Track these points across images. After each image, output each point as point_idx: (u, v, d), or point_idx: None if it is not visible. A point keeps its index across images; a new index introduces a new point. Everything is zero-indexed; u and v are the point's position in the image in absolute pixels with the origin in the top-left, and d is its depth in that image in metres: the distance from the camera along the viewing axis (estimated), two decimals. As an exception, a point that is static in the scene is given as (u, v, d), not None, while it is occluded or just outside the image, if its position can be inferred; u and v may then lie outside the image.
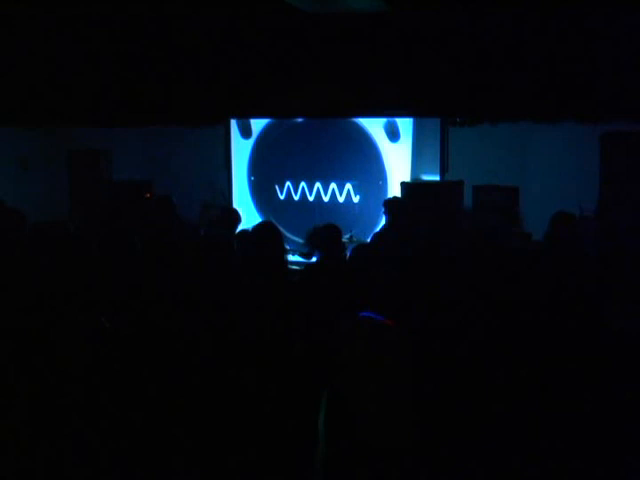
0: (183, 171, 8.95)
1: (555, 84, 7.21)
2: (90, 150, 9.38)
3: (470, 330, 3.64)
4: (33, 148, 9.25)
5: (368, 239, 6.66)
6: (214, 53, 8.18)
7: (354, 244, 6.06)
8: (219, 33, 8.00)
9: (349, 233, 7.34)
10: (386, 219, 6.42)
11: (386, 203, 6.49)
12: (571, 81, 7.14)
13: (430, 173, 8.13)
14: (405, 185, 7.75)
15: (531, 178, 7.79)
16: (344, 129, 8.45)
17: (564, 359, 3.51)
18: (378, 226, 7.49)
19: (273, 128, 8.85)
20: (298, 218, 8.46)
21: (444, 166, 8.05)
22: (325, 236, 4.86)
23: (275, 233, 4.41)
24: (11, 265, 4.46)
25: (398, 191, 7.72)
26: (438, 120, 8.03)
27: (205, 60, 8.25)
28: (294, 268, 7.35)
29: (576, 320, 3.70)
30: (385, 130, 8.32)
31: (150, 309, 3.76)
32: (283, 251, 4.44)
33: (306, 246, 6.34)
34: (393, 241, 5.71)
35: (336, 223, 5.06)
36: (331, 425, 3.50)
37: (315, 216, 8.14)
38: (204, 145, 9.09)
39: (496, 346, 3.57)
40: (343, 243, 5.11)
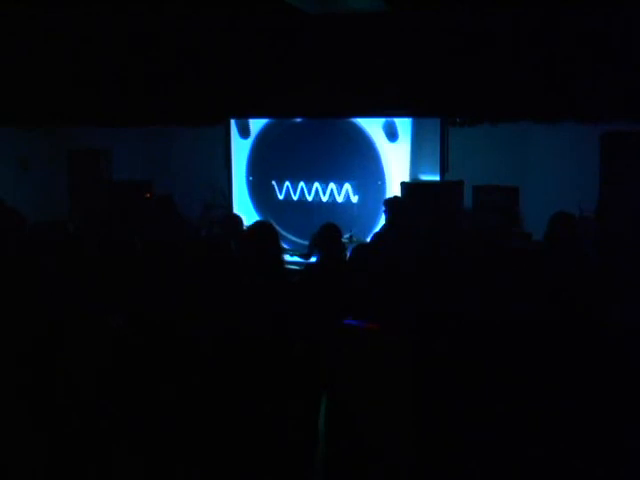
0: (183, 171, 8.96)
1: (555, 84, 7.21)
2: (90, 150, 9.38)
3: (470, 329, 3.64)
4: (33, 148, 9.25)
5: (368, 239, 6.65)
6: (214, 53, 8.19)
7: (354, 244, 6.07)
8: (219, 33, 8.00)
9: (349, 233, 7.34)
10: (386, 218, 6.42)
11: (386, 202, 6.48)
12: (571, 81, 7.14)
13: (429, 173, 8.13)
14: (405, 185, 7.75)
15: (531, 178, 7.79)
16: (343, 129, 8.45)
17: (564, 359, 3.51)
18: (378, 226, 7.49)
19: (272, 128, 8.85)
20: (297, 218, 8.46)
21: (444, 166, 8.05)
22: (324, 235, 4.86)
23: (270, 232, 4.36)
24: (11, 265, 4.46)
25: (397, 191, 7.71)
26: (438, 120, 8.04)
27: (205, 60, 8.25)
28: (294, 268, 7.37)
29: (576, 320, 3.70)
30: (384, 130, 8.32)
31: (149, 309, 3.76)
32: (279, 250, 4.40)
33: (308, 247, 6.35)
34: (393, 241, 5.70)
35: (335, 223, 5.04)
36: (331, 425, 3.50)
37: (314, 216, 8.14)
38: (204, 145, 9.09)
39: (496, 346, 3.57)
40: (343, 243, 5.11)
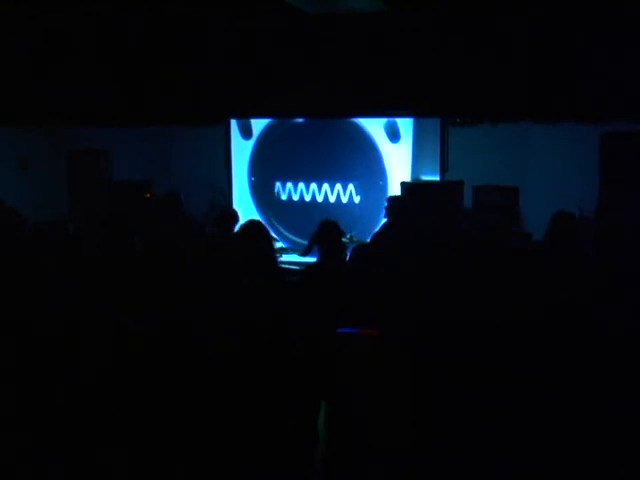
0: (183, 171, 8.95)
1: (555, 84, 7.21)
2: (90, 150, 9.37)
3: (470, 329, 3.64)
4: (33, 148, 9.25)
5: (368, 239, 6.65)
6: (214, 53, 8.18)
7: (354, 244, 6.06)
8: (219, 33, 8.00)
9: (349, 233, 7.34)
10: (388, 217, 6.42)
11: (390, 200, 6.49)
12: (571, 81, 7.13)
13: (430, 173, 8.12)
14: (405, 185, 7.75)
15: (531, 178, 7.79)
16: (344, 129, 8.44)
17: (564, 359, 3.51)
18: (378, 226, 7.49)
19: (273, 128, 8.85)
20: (298, 218, 8.46)
21: (444, 166, 8.04)
22: (324, 232, 4.85)
23: (259, 231, 4.32)
24: (11, 265, 4.46)
25: (398, 191, 7.71)
26: (438, 120, 8.03)
27: (205, 60, 8.24)
28: (294, 268, 7.37)
29: (576, 320, 3.70)
30: (385, 130, 8.32)
31: (150, 310, 3.76)
32: (272, 249, 4.38)
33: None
34: (393, 241, 5.70)
35: (336, 220, 5.03)
36: (331, 425, 3.50)
37: (316, 216, 8.12)
38: (204, 145, 9.08)
39: (496, 346, 3.57)
40: (343, 243, 5.10)
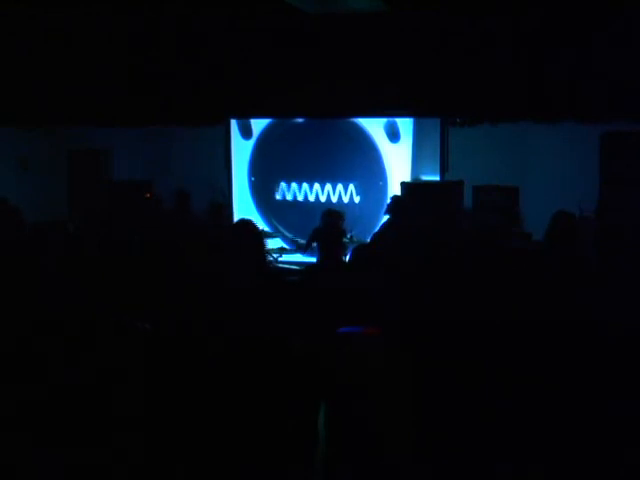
0: (183, 171, 8.95)
1: (555, 84, 7.21)
2: (90, 150, 9.38)
3: (470, 329, 3.64)
4: (33, 148, 9.24)
5: (368, 239, 6.65)
6: (214, 53, 8.18)
7: (354, 244, 6.07)
8: (219, 33, 8.00)
9: (349, 233, 7.34)
10: (389, 214, 6.43)
11: (393, 199, 6.51)
12: (571, 81, 7.13)
13: (431, 173, 8.12)
14: (405, 185, 7.75)
15: (531, 178, 7.79)
16: (344, 130, 8.44)
17: (563, 359, 3.51)
18: (378, 226, 7.49)
19: (273, 129, 8.84)
20: (298, 218, 8.45)
21: (444, 166, 8.04)
22: (327, 235, 4.85)
23: (247, 231, 4.32)
24: (11, 265, 4.46)
25: (398, 191, 7.71)
26: (438, 120, 8.03)
27: (205, 60, 8.24)
28: (294, 268, 7.37)
29: (575, 320, 3.70)
30: (385, 130, 8.31)
31: (147, 309, 3.76)
32: (260, 250, 4.38)
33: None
34: (393, 241, 5.71)
35: (339, 225, 5.05)
36: (331, 425, 3.50)
37: (316, 216, 8.14)
38: (204, 145, 9.08)
39: (496, 346, 3.57)
40: (343, 243, 5.11)
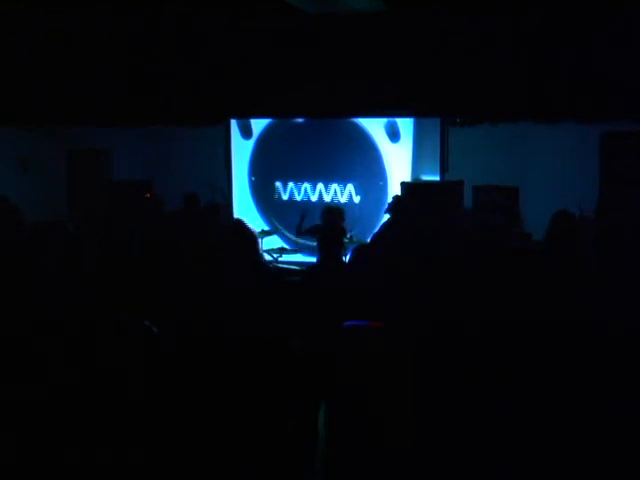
0: (183, 171, 8.95)
1: (555, 84, 7.21)
2: (90, 150, 9.38)
3: (470, 329, 3.64)
4: (33, 148, 9.24)
5: (368, 239, 6.65)
6: (214, 53, 8.18)
7: (354, 244, 6.07)
8: (219, 33, 8.00)
9: (349, 233, 7.34)
10: (389, 214, 6.44)
11: (395, 198, 6.51)
12: (571, 81, 7.13)
13: (431, 173, 8.12)
14: (405, 185, 7.75)
15: (531, 178, 7.79)
16: (344, 129, 8.44)
17: (564, 359, 3.51)
18: (378, 226, 7.49)
19: (274, 128, 8.84)
20: (299, 218, 8.44)
21: (444, 166, 8.04)
22: (329, 235, 4.85)
23: (239, 231, 4.38)
24: (11, 265, 4.46)
25: (398, 191, 7.71)
26: (438, 120, 8.03)
27: (205, 60, 8.24)
28: (294, 268, 7.38)
29: (575, 320, 3.70)
30: (385, 130, 8.31)
31: (147, 309, 3.77)
32: (257, 250, 4.44)
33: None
34: (393, 241, 5.70)
35: (341, 224, 5.08)
36: (331, 425, 3.50)
37: (316, 216, 8.13)
38: (204, 145, 9.08)
39: (496, 346, 3.57)
40: (344, 243, 5.11)
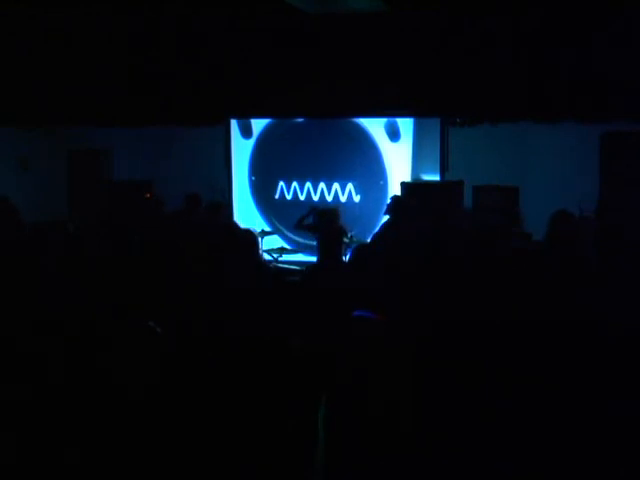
0: (183, 171, 8.95)
1: (555, 84, 7.21)
2: (90, 150, 9.38)
3: (470, 329, 3.64)
4: (33, 148, 9.24)
5: (368, 239, 6.65)
6: (214, 53, 8.18)
7: (354, 244, 6.07)
8: (219, 33, 8.00)
9: (349, 233, 7.33)
10: (389, 214, 6.43)
11: (393, 199, 6.50)
12: (571, 81, 7.13)
13: (431, 173, 8.12)
14: (405, 185, 7.75)
15: (531, 178, 7.79)
16: (344, 129, 8.44)
17: (564, 359, 3.51)
18: (378, 226, 7.49)
19: (274, 128, 8.84)
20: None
21: (444, 166, 8.05)
22: (328, 236, 4.85)
23: (238, 233, 4.46)
24: (11, 265, 4.46)
25: (398, 191, 7.71)
26: (438, 120, 8.03)
27: (205, 60, 8.24)
28: (294, 268, 7.37)
29: (575, 320, 3.70)
30: (386, 130, 8.32)
31: (147, 309, 3.76)
32: (252, 251, 4.49)
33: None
34: (393, 241, 5.70)
35: (341, 225, 5.09)
36: (331, 425, 3.50)
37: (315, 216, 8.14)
38: (204, 145, 9.09)
39: (496, 346, 3.57)
40: (344, 243, 5.11)
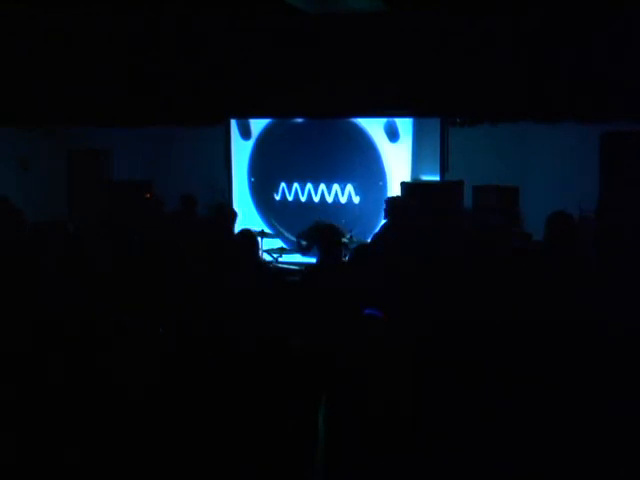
0: (183, 171, 8.95)
1: (555, 84, 7.21)
2: (90, 150, 9.38)
3: (470, 329, 3.64)
4: (33, 148, 9.24)
5: (368, 239, 6.65)
6: (214, 53, 8.18)
7: (354, 244, 6.06)
8: (219, 33, 8.00)
9: (349, 233, 7.33)
10: (387, 218, 6.41)
11: (387, 202, 6.47)
12: (571, 81, 7.13)
13: (430, 173, 8.12)
14: (405, 185, 7.74)
15: (531, 178, 7.79)
16: (344, 130, 8.44)
17: (563, 359, 3.51)
18: (378, 226, 7.49)
19: (273, 129, 8.84)
20: (298, 218, 8.44)
21: (444, 166, 8.04)
22: (325, 237, 4.85)
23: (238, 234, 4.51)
24: (11, 265, 4.46)
25: (398, 191, 7.71)
26: (438, 120, 8.03)
27: (205, 60, 8.24)
28: (294, 268, 7.37)
29: (575, 320, 3.70)
30: (385, 130, 8.31)
31: (147, 309, 3.77)
32: (252, 251, 4.52)
33: (304, 239, 6.37)
34: (393, 241, 5.70)
35: (337, 223, 5.08)
36: (331, 425, 3.50)
37: (315, 216, 8.12)
38: (204, 145, 9.08)
39: (495, 346, 3.57)
40: (343, 243, 5.10)
